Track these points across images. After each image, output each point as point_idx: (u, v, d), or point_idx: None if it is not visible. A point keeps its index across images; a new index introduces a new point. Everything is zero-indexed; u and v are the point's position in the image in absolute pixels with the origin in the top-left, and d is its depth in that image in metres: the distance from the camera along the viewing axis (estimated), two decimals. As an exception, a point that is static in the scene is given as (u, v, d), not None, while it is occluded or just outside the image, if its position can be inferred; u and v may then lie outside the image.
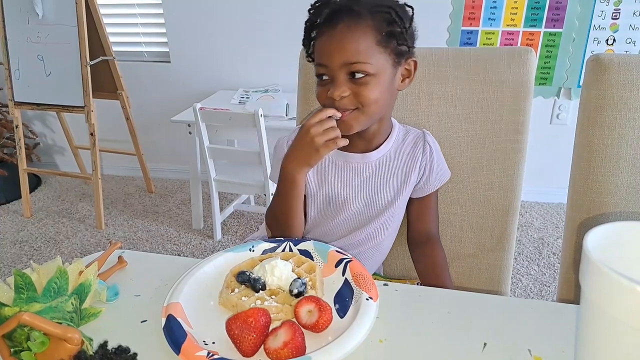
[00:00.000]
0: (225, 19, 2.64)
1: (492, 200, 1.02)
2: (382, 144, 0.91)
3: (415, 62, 0.86)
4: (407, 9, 0.82)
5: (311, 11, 0.81)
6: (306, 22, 0.83)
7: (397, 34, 0.80)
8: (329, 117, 0.80)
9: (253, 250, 0.75)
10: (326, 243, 0.76)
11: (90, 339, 0.57)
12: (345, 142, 0.81)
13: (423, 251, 0.97)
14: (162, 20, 2.74)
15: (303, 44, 0.86)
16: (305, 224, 0.95)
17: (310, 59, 0.86)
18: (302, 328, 0.57)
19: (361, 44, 0.77)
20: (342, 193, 0.92)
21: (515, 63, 0.97)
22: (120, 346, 0.56)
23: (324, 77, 0.81)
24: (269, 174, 1.00)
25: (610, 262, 0.43)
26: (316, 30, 0.81)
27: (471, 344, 0.58)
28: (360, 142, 0.90)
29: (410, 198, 0.96)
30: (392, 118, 0.94)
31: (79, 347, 0.53)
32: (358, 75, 0.79)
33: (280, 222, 0.91)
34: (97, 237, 2.43)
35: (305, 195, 0.92)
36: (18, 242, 2.39)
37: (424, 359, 0.56)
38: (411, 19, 0.83)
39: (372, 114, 0.83)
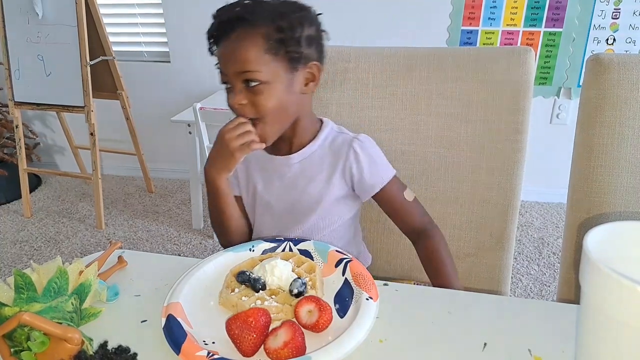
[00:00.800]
0: (225, 18, 2.63)
1: (491, 200, 1.01)
2: (305, 146, 0.91)
3: (318, 66, 0.86)
4: (310, 14, 0.84)
5: (213, 21, 0.83)
6: (207, 30, 0.84)
7: (287, 41, 0.80)
8: (244, 122, 0.82)
9: (253, 250, 0.75)
10: (326, 243, 0.76)
11: (90, 339, 0.57)
12: (261, 145, 0.82)
13: (417, 247, 0.95)
14: (162, 20, 2.74)
15: (209, 51, 0.87)
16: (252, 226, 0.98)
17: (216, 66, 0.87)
18: (302, 328, 0.57)
19: (250, 53, 0.79)
20: (265, 195, 0.94)
21: (515, 63, 0.97)
22: (120, 346, 0.56)
23: (226, 85, 0.83)
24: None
25: (610, 262, 0.43)
26: (214, 38, 0.83)
27: (471, 344, 0.58)
28: (282, 145, 0.91)
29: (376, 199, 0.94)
30: (329, 121, 0.94)
31: (79, 347, 0.53)
32: (252, 84, 0.80)
33: (217, 226, 0.93)
34: (97, 237, 2.43)
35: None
36: (18, 242, 2.39)
37: (424, 359, 0.56)
38: (312, 23, 0.84)
39: (275, 122, 0.84)
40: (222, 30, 0.81)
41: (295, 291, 0.64)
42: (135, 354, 0.56)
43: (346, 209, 0.95)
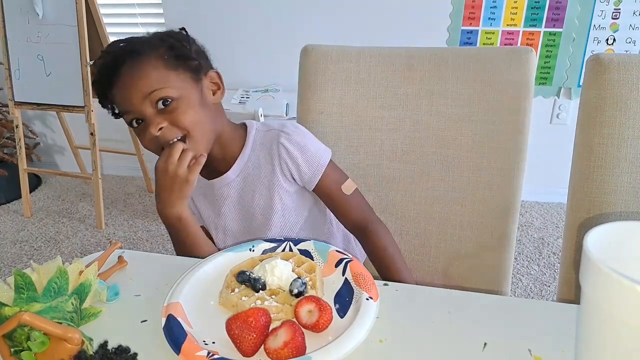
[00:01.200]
0: (225, 18, 2.64)
1: (492, 200, 1.01)
2: (237, 159, 0.89)
3: (218, 73, 0.87)
4: (186, 34, 0.85)
5: (96, 72, 0.81)
6: (93, 83, 0.82)
7: (183, 53, 0.81)
8: (175, 144, 0.79)
9: (253, 250, 0.75)
10: (326, 243, 0.76)
11: (91, 339, 0.57)
12: (204, 157, 0.81)
13: (363, 244, 0.92)
14: (162, 20, 2.74)
15: (103, 106, 0.84)
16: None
17: (117, 115, 0.84)
18: (302, 328, 0.57)
19: (151, 73, 0.78)
20: (218, 221, 0.92)
21: (516, 63, 0.97)
22: (120, 346, 0.56)
23: (136, 123, 0.80)
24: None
25: (610, 262, 0.43)
26: (105, 87, 0.80)
27: (471, 344, 0.58)
28: (215, 165, 0.89)
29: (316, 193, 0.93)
30: (252, 122, 0.92)
31: (79, 347, 0.53)
32: (166, 103, 0.78)
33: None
34: (97, 237, 2.43)
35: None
36: (18, 242, 2.39)
37: (424, 359, 0.56)
38: (189, 39, 0.85)
39: (201, 135, 0.81)
40: (112, 71, 0.79)
41: (295, 291, 0.64)
42: (135, 354, 0.56)
43: (305, 200, 0.93)
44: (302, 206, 0.94)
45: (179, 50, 0.81)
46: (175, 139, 0.80)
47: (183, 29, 0.85)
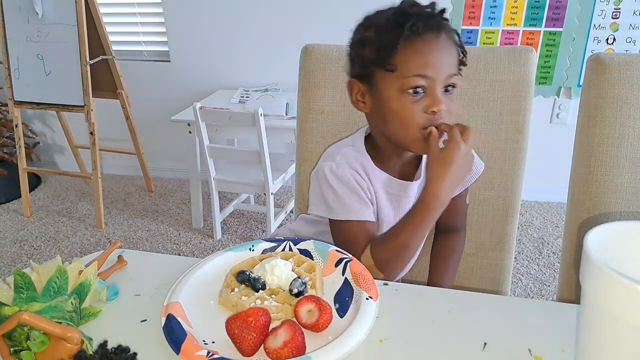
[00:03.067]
0: (225, 18, 2.64)
1: (492, 200, 1.01)
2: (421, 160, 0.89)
3: None
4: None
5: (400, 16, 0.75)
6: (394, 25, 0.75)
7: (463, 61, 0.81)
8: (473, 133, 0.77)
9: (253, 250, 0.75)
10: (326, 243, 0.76)
11: (90, 339, 0.57)
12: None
13: (443, 238, 0.98)
14: (161, 20, 2.74)
15: (381, 51, 0.76)
16: None
17: (378, 68, 0.78)
18: (302, 328, 0.57)
19: (456, 59, 0.78)
20: (396, 219, 0.85)
21: (516, 62, 0.97)
22: (120, 346, 0.56)
23: (420, 91, 0.76)
24: (309, 209, 0.89)
25: (610, 262, 0.43)
26: (410, 36, 0.74)
27: (471, 344, 0.58)
28: (410, 169, 0.88)
29: None
30: None
31: (79, 346, 0.53)
32: (448, 89, 0.77)
33: (408, 259, 0.82)
34: (97, 237, 2.43)
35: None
36: (18, 241, 2.39)
37: (424, 359, 0.56)
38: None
39: None
40: (431, 28, 0.75)
41: (295, 291, 0.64)
42: (135, 354, 0.56)
43: None
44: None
45: (463, 54, 0.81)
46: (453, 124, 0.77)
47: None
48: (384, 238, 0.81)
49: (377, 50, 0.77)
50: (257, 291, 0.65)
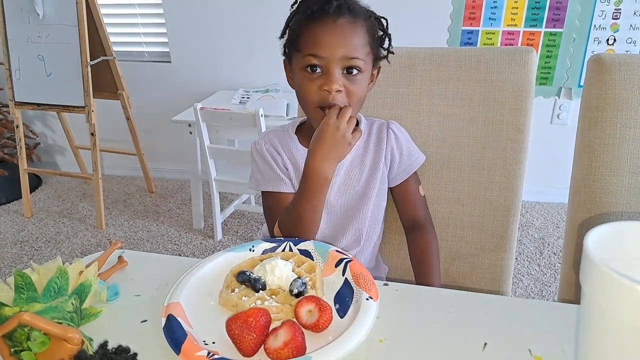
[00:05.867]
0: (226, 18, 2.64)
1: (493, 200, 1.01)
2: None
3: (380, 68, 0.91)
4: (384, 20, 0.88)
5: (305, 1, 0.82)
6: (298, 7, 0.83)
7: (383, 40, 0.86)
8: (349, 110, 0.82)
9: (253, 250, 0.75)
10: (327, 243, 0.76)
11: (91, 339, 0.57)
12: (361, 131, 0.85)
13: (412, 238, 0.98)
14: (162, 20, 2.74)
15: (284, 33, 0.86)
16: None
17: (291, 49, 0.85)
18: (302, 328, 0.57)
19: (359, 41, 0.81)
20: (328, 196, 0.93)
21: (516, 63, 0.97)
22: (120, 346, 0.56)
23: (316, 70, 0.82)
24: (249, 183, 0.98)
25: (610, 262, 0.43)
26: (309, 19, 0.81)
27: (471, 344, 0.58)
28: None
29: (391, 188, 0.98)
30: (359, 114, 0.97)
31: (79, 347, 0.53)
32: (354, 72, 0.81)
33: (304, 228, 0.86)
34: (98, 237, 2.43)
35: None
36: (18, 242, 2.40)
37: (424, 359, 0.56)
38: (388, 29, 0.88)
39: (354, 114, 0.85)
40: (324, 10, 0.80)
41: (295, 291, 0.64)
42: (135, 354, 0.56)
43: (383, 197, 0.97)
44: (381, 202, 0.98)
45: (384, 34, 0.86)
46: (344, 105, 0.82)
47: (385, 19, 0.88)
48: (286, 210, 0.88)
49: (290, 32, 0.85)
50: (258, 291, 0.65)
